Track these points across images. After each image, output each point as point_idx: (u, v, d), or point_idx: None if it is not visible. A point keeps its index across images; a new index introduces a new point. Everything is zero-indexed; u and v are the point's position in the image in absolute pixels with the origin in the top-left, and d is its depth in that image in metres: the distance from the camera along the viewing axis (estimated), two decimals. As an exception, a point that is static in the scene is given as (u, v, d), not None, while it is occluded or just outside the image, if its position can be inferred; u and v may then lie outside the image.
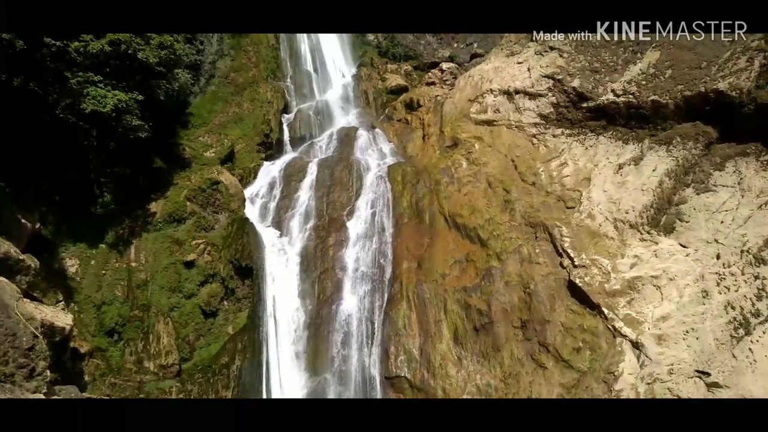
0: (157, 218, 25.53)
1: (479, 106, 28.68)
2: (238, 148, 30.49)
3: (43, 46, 20.10)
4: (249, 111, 32.42)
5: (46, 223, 22.98)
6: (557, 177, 23.65)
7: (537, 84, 26.22)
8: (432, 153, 29.18)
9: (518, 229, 22.74)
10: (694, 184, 19.35)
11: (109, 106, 21.51)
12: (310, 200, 27.37)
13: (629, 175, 21.34)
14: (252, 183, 29.57)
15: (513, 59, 28.71)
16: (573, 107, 24.64)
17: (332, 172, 28.32)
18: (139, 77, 23.82)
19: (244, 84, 33.87)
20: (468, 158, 26.60)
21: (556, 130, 25.27)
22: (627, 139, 22.40)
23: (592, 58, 24.83)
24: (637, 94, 22.07)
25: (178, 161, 27.89)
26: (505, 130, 27.02)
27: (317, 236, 25.67)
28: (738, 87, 18.84)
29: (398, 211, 25.90)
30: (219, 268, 25.03)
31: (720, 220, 18.02)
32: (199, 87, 32.13)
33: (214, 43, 33.84)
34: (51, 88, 20.97)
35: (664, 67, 21.90)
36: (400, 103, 35.89)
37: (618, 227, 20.64)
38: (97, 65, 22.43)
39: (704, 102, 19.83)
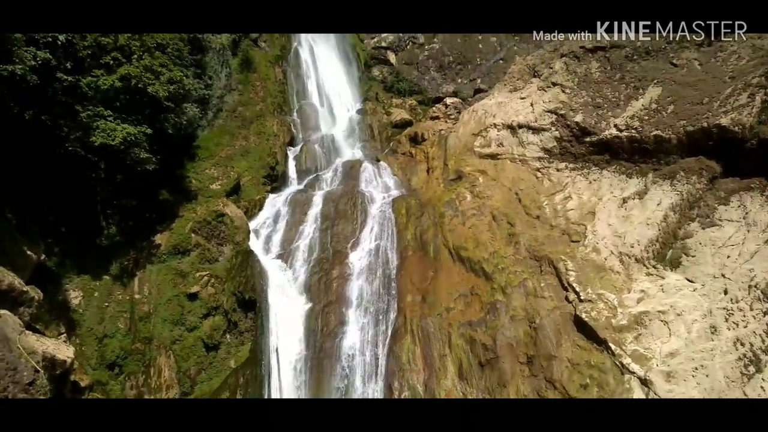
0: (162, 250, 25.58)
1: (483, 140, 28.96)
2: (244, 180, 30.77)
3: (56, 80, 20.55)
4: (255, 144, 32.85)
5: (51, 254, 23.04)
6: (561, 211, 23.65)
7: (540, 119, 26.51)
8: (436, 186, 29.35)
9: (523, 262, 22.63)
10: (699, 219, 19.28)
11: (118, 139, 21.83)
12: (315, 233, 27.42)
13: (634, 209, 21.32)
14: (257, 215, 29.70)
15: (516, 94, 29.13)
16: (576, 142, 24.82)
17: (337, 205, 28.46)
18: (148, 111, 24.26)
19: (251, 118, 34.42)
20: (472, 191, 26.71)
21: (559, 164, 25.41)
22: (631, 173, 22.46)
23: (595, 93, 25.15)
24: (639, 129, 22.24)
25: (185, 193, 28.11)
26: (509, 164, 27.21)
27: (321, 269, 25.61)
28: (740, 122, 18.96)
29: (402, 244, 25.88)
30: (222, 300, 24.91)
31: (726, 254, 17.87)
32: (206, 120, 32.63)
33: (223, 78, 34.53)
34: (62, 121, 21.31)
35: (666, 102, 22.13)
36: (405, 137, 36.32)
37: (624, 261, 20.50)
38: (107, 99, 22.91)
39: (707, 137, 19.94)
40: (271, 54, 38.73)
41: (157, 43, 24.79)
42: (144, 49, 23.92)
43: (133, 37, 23.71)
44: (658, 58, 23.77)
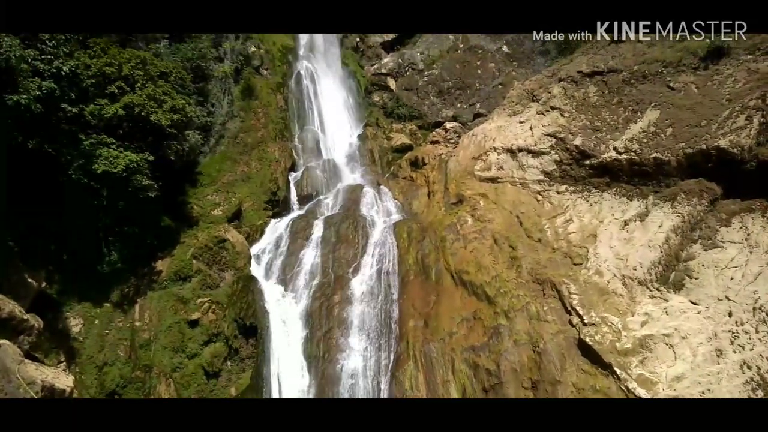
0: (163, 276, 25.52)
1: (483, 164, 29.11)
2: (245, 206, 30.86)
3: (60, 110, 20.78)
4: (257, 170, 33.03)
5: (52, 282, 23.01)
6: (563, 233, 23.63)
7: (540, 142, 26.69)
8: (437, 210, 29.39)
9: (525, 286, 22.52)
10: (701, 240, 19.26)
11: (120, 167, 21.99)
12: (316, 257, 27.37)
13: (635, 232, 21.30)
14: (258, 240, 29.69)
15: (515, 118, 29.39)
16: (576, 164, 24.94)
17: (338, 230, 28.47)
18: (150, 138, 24.50)
19: (253, 144, 34.66)
20: (473, 215, 26.73)
21: (560, 187, 25.48)
22: (631, 195, 22.52)
23: (593, 117, 25.37)
24: (639, 152, 22.37)
25: (186, 219, 28.18)
26: (509, 187, 27.29)
27: (322, 294, 25.49)
28: (739, 144, 19.09)
29: (404, 268, 25.81)
30: (223, 327, 24.75)
31: (729, 276, 17.80)
32: (208, 147, 32.88)
33: (225, 105, 34.91)
34: (65, 149, 21.48)
35: (664, 125, 22.31)
36: (406, 162, 36.54)
37: (626, 284, 20.40)
38: (110, 127, 23.16)
39: (706, 159, 20.04)
40: (272, 81, 39.20)
41: (161, 72, 25.20)
42: (147, 78, 24.29)
43: (137, 66, 24.10)
44: (655, 82, 24.04)
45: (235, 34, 37.74)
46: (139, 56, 24.70)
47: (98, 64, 23.12)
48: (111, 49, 24.18)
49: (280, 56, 41.01)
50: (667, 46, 24.70)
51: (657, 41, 25.47)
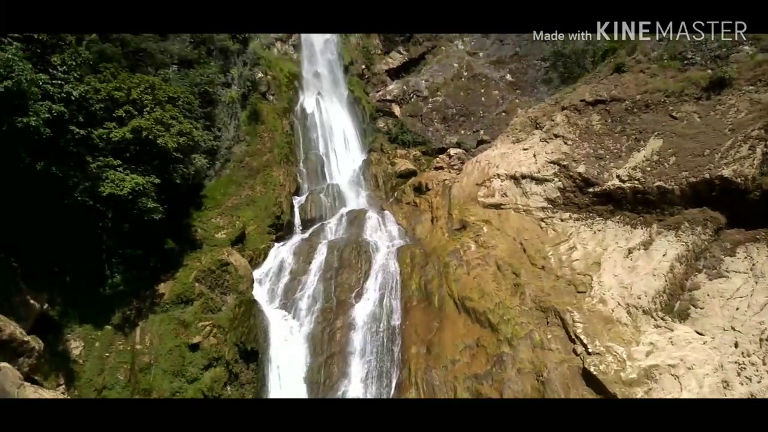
0: (165, 299, 25.45)
1: (487, 190, 29.18)
2: (249, 229, 30.92)
3: (68, 132, 21.04)
4: (261, 194, 33.19)
5: (54, 303, 22.98)
6: (567, 261, 23.54)
7: (543, 169, 26.79)
8: (441, 235, 29.38)
9: (529, 313, 22.35)
10: (705, 270, 19.16)
11: (126, 189, 22.15)
12: (319, 282, 27.29)
13: (639, 260, 21.21)
14: (261, 264, 29.68)
15: (519, 146, 29.56)
16: (579, 192, 24.98)
17: (341, 254, 28.44)
18: (157, 162, 24.73)
19: (258, 168, 34.91)
20: (477, 241, 26.70)
21: (563, 214, 25.48)
22: (635, 223, 22.49)
23: (596, 145, 25.50)
24: (642, 180, 22.42)
25: (190, 242, 28.23)
26: (513, 214, 27.30)
27: (324, 319, 25.35)
28: (742, 174, 19.13)
29: (407, 294, 25.68)
30: (224, 351, 24.55)
31: (735, 306, 17.64)
32: (214, 170, 33.14)
33: (231, 130, 35.30)
34: (72, 172, 21.69)
35: (667, 154, 22.40)
36: (409, 187, 36.69)
37: (631, 313, 20.23)
38: (118, 150, 23.41)
39: (710, 188, 20.07)
40: (279, 106, 39.68)
41: (169, 97, 25.56)
42: (156, 102, 24.64)
43: (145, 90, 24.48)
44: (657, 111, 24.21)
45: (243, 61, 38.40)
46: (148, 81, 25.12)
47: (108, 88, 23.51)
48: (121, 74, 24.64)
49: (286, 82, 41.61)
50: (669, 76, 24.98)
51: (659, 71, 25.77)
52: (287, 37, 45.62)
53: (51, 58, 20.53)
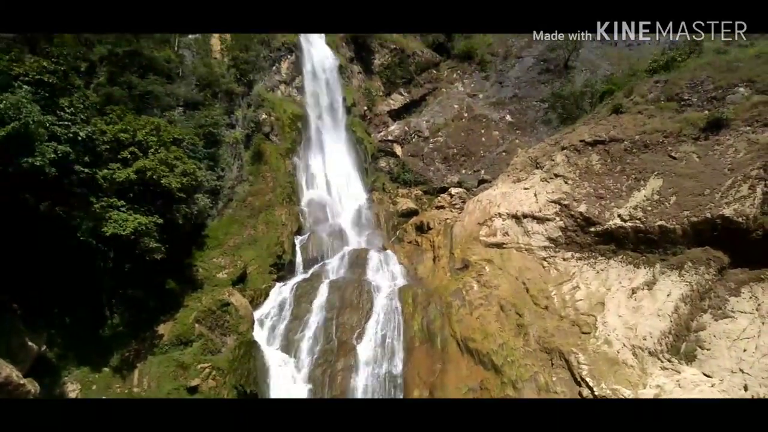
0: (164, 341, 25.13)
1: (488, 229, 29.22)
2: (250, 269, 30.81)
3: (73, 173, 21.22)
4: (263, 233, 33.23)
5: (52, 345, 22.68)
6: (570, 301, 23.34)
7: (544, 209, 26.88)
8: (443, 275, 29.23)
9: (533, 355, 22.00)
10: (711, 310, 18.96)
11: (129, 229, 22.17)
12: (320, 322, 26.98)
13: (643, 300, 21.02)
14: (262, 304, 29.41)
15: (520, 185, 29.76)
16: (581, 231, 24.99)
17: (343, 294, 28.22)
18: (160, 202, 24.84)
19: (261, 207, 35.08)
20: (479, 280, 26.55)
21: (566, 254, 25.41)
22: (638, 263, 22.39)
23: (597, 184, 25.67)
24: (643, 220, 22.46)
25: (191, 282, 28.08)
26: (515, 253, 27.24)
27: (325, 361, 24.94)
28: (743, 213, 19.16)
29: (409, 335, 25.36)
30: (223, 394, 24.04)
31: (742, 348, 17.36)
32: (217, 210, 33.28)
33: (235, 170, 35.64)
34: (75, 212, 21.78)
35: (668, 193, 22.50)
36: (411, 226, 36.75)
37: (637, 354, 19.89)
38: (121, 191, 23.56)
39: (711, 227, 20.08)
40: (282, 147, 40.16)
41: (174, 138, 25.91)
42: (160, 144, 24.95)
43: (151, 132, 24.82)
44: (656, 151, 24.48)
45: (247, 103, 39.13)
46: (154, 123, 25.51)
47: (114, 130, 23.86)
48: (127, 116, 25.06)
49: (289, 123, 42.22)
50: (667, 117, 25.37)
51: (656, 112, 26.18)
52: (291, 79, 46.61)
53: (59, 101, 20.89)
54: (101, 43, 29.44)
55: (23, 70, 19.51)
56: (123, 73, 29.31)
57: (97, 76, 28.69)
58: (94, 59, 29.03)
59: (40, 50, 21.62)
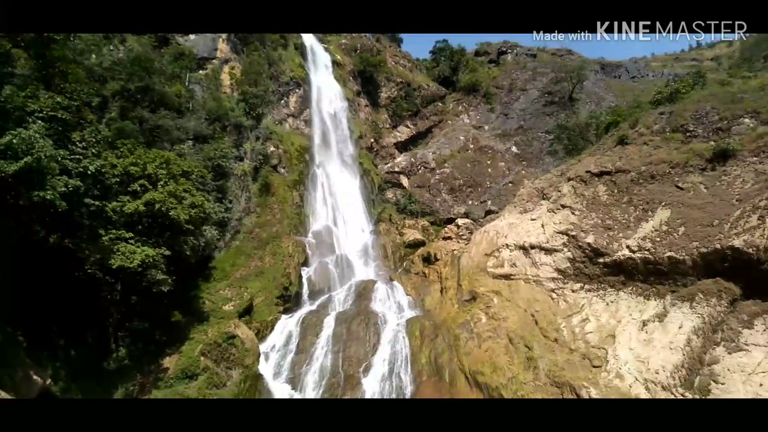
0: (169, 374, 24.89)
1: (496, 261, 29.05)
2: (257, 301, 30.71)
3: (83, 205, 21.46)
4: (270, 264, 33.24)
5: (57, 379, 22.49)
6: (580, 333, 22.98)
7: (552, 240, 26.75)
8: (450, 307, 28.96)
9: (543, 389, 21.54)
10: (724, 343, 18.55)
11: (136, 262, 22.25)
12: (326, 355, 26.68)
13: (655, 332, 20.65)
14: (268, 337, 29.19)
15: (526, 216, 29.72)
16: (590, 262, 24.78)
17: (349, 326, 27.98)
18: (168, 234, 24.98)
19: (268, 239, 35.21)
20: (487, 312, 26.26)
21: (574, 285, 25.16)
22: (648, 294, 22.10)
23: (604, 215, 25.57)
24: (652, 251, 22.26)
25: (197, 314, 27.99)
26: (523, 285, 27.00)
27: (331, 395, 24.53)
28: (753, 244, 18.94)
29: (417, 368, 24.98)
30: (228, 429, 23.62)
31: (758, 382, 16.91)
32: (224, 242, 33.43)
33: (242, 202, 35.93)
34: (84, 244, 21.92)
35: (676, 224, 22.35)
36: (418, 257, 36.66)
37: (649, 389, 19.43)
38: (130, 223, 23.74)
39: (721, 259, 19.84)
40: (289, 178, 40.56)
41: (183, 171, 26.22)
42: (170, 176, 25.24)
43: (160, 165, 25.15)
44: (663, 182, 24.44)
45: (255, 136, 39.70)
46: (164, 156, 25.86)
47: (124, 163, 24.19)
48: (138, 150, 25.43)
49: (297, 155, 42.75)
50: (673, 148, 25.42)
51: (662, 143, 26.26)
52: (299, 112, 47.38)
53: (71, 135, 21.27)
54: (114, 79, 30.14)
55: (38, 107, 19.92)
56: (134, 108, 29.90)
57: (109, 111, 29.25)
58: (107, 94, 29.66)
59: (55, 86, 22.10)
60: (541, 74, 64.59)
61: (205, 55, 39.55)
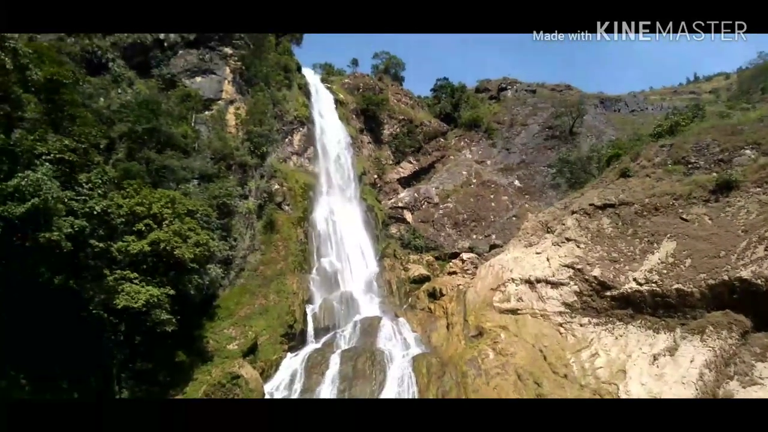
0: (173, 416, 24.44)
1: (502, 295, 28.82)
2: (261, 340, 30.38)
3: (88, 246, 21.55)
4: (275, 302, 33.04)
5: (59, 422, 22.15)
6: (590, 369, 22.58)
7: (558, 273, 26.59)
8: (457, 343, 28.59)
9: (554, 427, 21.01)
10: (737, 377, 18.20)
11: (140, 302, 22.19)
12: (332, 394, 26.19)
13: (666, 367, 20.27)
14: (273, 376, 28.73)
15: (531, 249, 29.63)
16: (597, 296, 24.57)
17: (355, 364, 27.53)
18: (173, 273, 24.97)
19: (272, 276, 35.10)
20: (494, 348, 25.89)
21: (582, 319, 24.86)
22: (657, 328, 21.80)
23: (609, 248, 25.48)
24: (659, 283, 22.08)
25: (201, 354, 27.69)
26: (530, 319, 26.71)
27: (338, 436, 23.98)
28: (762, 275, 18.80)
29: (424, 407, 24.45)
30: (231, 473, 23.05)
31: (776, 417, 16.48)
32: (228, 280, 33.33)
33: (247, 239, 35.99)
34: (88, 285, 21.92)
35: (682, 256, 22.25)
36: (423, 293, 36.41)
37: (664, 426, 18.94)
38: (135, 263, 23.77)
39: (730, 290, 19.66)
40: (293, 216, 40.74)
41: (188, 210, 26.39)
42: (175, 215, 25.40)
43: (166, 205, 25.34)
44: (667, 214, 24.43)
45: (260, 174, 40.10)
46: (169, 196, 26.09)
47: (130, 204, 24.40)
48: (143, 190, 25.68)
49: (301, 192, 43.05)
50: (675, 180, 25.53)
51: (664, 175, 26.39)
52: (303, 150, 47.98)
53: (78, 176, 21.54)
54: (122, 121, 30.71)
55: (46, 149, 20.26)
56: (141, 149, 30.33)
57: (116, 152, 29.69)
58: (114, 136, 30.16)
59: (63, 129, 22.54)
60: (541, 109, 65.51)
61: (210, 96, 40.37)
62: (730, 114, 28.17)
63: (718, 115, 28.44)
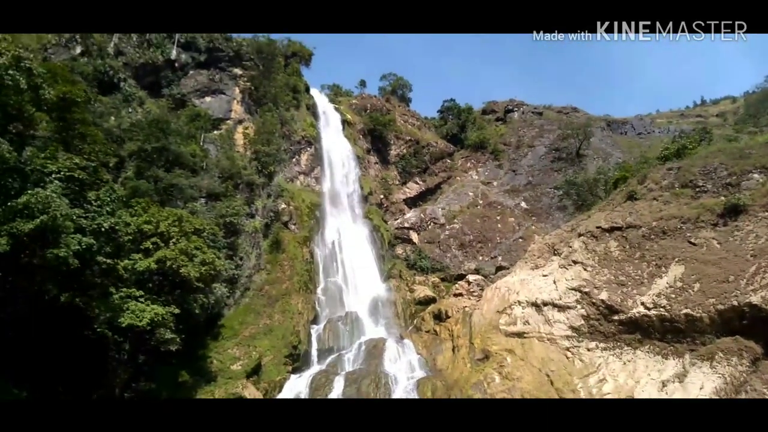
0: (175, 437, 24.18)
1: (508, 318, 28.55)
2: (265, 360, 30.20)
3: (95, 263, 21.56)
4: (279, 322, 32.91)
5: (60, 442, 21.96)
6: (598, 394, 22.20)
7: (564, 296, 26.35)
8: (463, 366, 28.25)
9: (562, 454, 20.61)
10: (749, 405, 17.81)
11: (145, 320, 22.12)
12: (336, 417, 25.86)
13: (675, 394, 19.89)
14: (276, 397, 28.47)
15: (538, 272, 29.42)
16: (604, 320, 24.27)
17: (359, 387, 27.25)
18: (178, 291, 24.96)
19: (277, 296, 35.01)
20: (500, 372, 25.57)
21: (590, 343, 24.54)
22: (666, 353, 21.47)
23: (617, 271, 25.25)
24: (668, 308, 21.81)
25: (204, 374, 27.51)
26: (536, 343, 26.39)
27: (341, 460, 23.61)
28: (772, 301, 18.52)
29: (429, 431, 24.08)
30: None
31: (789, 448, 16.09)
32: (233, 299, 33.26)
33: (253, 258, 36.00)
34: (94, 303, 21.89)
35: (690, 280, 22.00)
36: (429, 314, 36.13)
37: (674, 454, 18.53)
38: (141, 281, 23.79)
39: (740, 316, 19.37)
40: (300, 235, 40.78)
41: (195, 228, 26.47)
42: (182, 234, 25.47)
43: (173, 223, 25.44)
44: (675, 238, 24.23)
45: (267, 193, 40.31)
46: (177, 214, 26.20)
47: (138, 222, 24.51)
48: (151, 208, 25.81)
49: (308, 212, 43.17)
50: (683, 203, 25.37)
51: (672, 198, 26.24)
52: (310, 170, 48.26)
53: (87, 194, 21.67)
54: (132, 140, 31.05)
55: (56, 167, 20.45)
56: (150, 167, 30.60)
57: (125, 170, 29.97)
58: (124, 154, 30.49)
59: (73, 147, 22.78)
60: (547, 131, 65.72)
61: (219, 116, 40.84)
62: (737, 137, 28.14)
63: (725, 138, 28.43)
